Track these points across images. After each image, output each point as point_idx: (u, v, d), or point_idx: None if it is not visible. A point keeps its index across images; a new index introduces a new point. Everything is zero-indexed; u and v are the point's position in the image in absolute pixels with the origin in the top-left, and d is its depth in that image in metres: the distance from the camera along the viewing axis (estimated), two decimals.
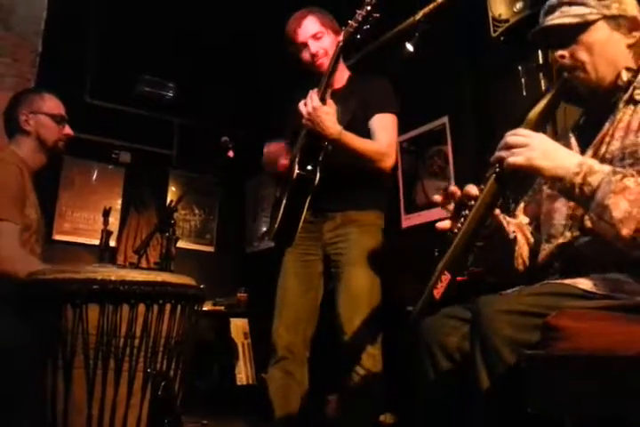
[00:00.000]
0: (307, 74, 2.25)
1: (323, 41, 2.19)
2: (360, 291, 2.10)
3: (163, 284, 1.55)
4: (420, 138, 3.75)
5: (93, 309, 1.48)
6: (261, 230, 5.54)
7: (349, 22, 2.01)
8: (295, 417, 2.13)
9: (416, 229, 3.64)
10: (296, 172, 2.12)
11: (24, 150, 2.11)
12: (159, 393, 1.52)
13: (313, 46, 2.18)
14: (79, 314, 1.47)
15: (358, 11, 1.98)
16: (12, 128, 2.14)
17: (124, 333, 1.50)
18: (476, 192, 1.24)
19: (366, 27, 1.99)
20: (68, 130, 2.20)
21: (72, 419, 1.47)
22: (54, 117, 2.16)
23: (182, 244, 4.34)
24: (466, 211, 1.24)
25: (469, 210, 1.23)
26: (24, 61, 3.03)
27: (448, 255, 1.21)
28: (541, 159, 1.17)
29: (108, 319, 1.48)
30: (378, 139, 2.15)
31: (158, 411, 1.53)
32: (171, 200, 4.22)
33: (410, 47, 3.53)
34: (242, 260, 5.68)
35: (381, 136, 2.15)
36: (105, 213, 4.04)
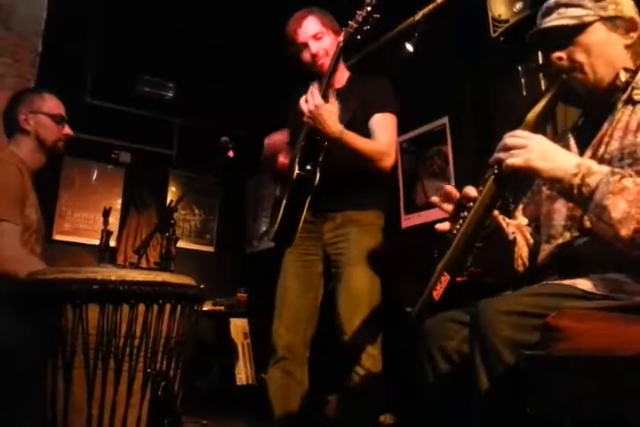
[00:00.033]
0: (307, 74, 2.25)
1: (323, 41, 2.19)
2: (360, 291, 2.10)
3: (163, 284, 1.55)
4: (420, 138, 3.75)
5: (93, 309, 1.48)
6: (261, 230, 5.54)
7: (350, 23, 2.01)
8: (295, 417, 2.13)
9: (416, 229, 3.64)
10: (296, 172, 2.12)
11: (23, 150, 2.11)
12: (159, 393, 1.52)
13: (313, 46, 2.18)
14: (79, 314, 1.47)
15: (358, 11, 1.98)
16: (12, 128, 2.14)
17: (124, 333, 1.50)
18: (475, 194, 1.25)
19: (366, 27, 2.00)
20: (68, 130, 2.20)
21: (72, 419, 1.48)
22: (54, 117, 2.16)
23: (182, 244, 4.34)
24: (465, 212, 1.24)
25: (468, 211, 1.23)
26: (24, 61, 3.03)
27: (447, 256, 1.21)
28: (540, 161, 1.18)
29: (108, 319, 1.48)
30: (378, 138, 2.15)
31: (158, 411, 1.53)
32: (171, 200, 4.21)
33: (410, 47, 3.52)
34: (242, 260, 5.68)
35: (381, 136, 2.15)
36: (105, 213, 4.04)
